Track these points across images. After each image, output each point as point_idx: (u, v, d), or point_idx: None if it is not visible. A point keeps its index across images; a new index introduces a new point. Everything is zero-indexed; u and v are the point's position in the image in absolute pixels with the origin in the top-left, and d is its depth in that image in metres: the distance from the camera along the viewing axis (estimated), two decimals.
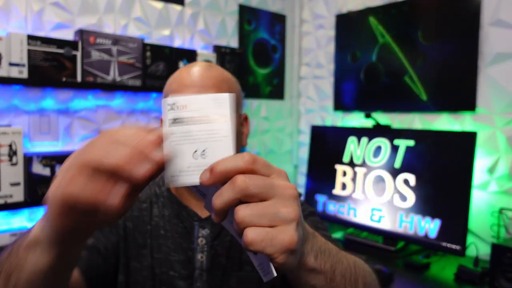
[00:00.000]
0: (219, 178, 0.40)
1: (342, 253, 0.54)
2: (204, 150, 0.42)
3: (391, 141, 1.83)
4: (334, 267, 0.49)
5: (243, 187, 0.39)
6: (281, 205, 0.40)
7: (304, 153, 2.51)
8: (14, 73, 1.39)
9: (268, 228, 0.39)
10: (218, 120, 0.43)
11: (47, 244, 0.44)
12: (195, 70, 0.79)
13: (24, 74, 1.42)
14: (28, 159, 1.41)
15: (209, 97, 0.44)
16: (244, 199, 0.39)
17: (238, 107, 0.82)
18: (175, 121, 0.43)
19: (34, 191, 1.42)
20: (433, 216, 1.64)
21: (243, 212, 0.39)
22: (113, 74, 1.63)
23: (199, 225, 0.79)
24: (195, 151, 0.42)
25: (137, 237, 0.79)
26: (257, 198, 0.39)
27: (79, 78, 1.55)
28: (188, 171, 0.42)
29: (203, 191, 0.47)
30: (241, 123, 0.85)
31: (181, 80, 0.79)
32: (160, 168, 0.40)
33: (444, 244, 1.59)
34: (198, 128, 0.43)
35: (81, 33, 1.55)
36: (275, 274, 0.44)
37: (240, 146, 0.84)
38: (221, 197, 0.39)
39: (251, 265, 0.80)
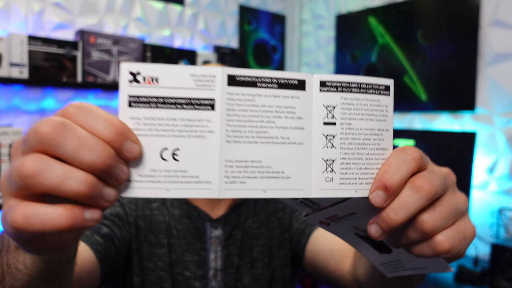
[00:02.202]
0: (395, 195, 0.31)
1: None
2: (177, 149, 0.30)
3: None
4: None
5: (433, 192, 0.31)
6: (456, 196, 0.34)
7: None
8: (15, 73, 1.40)
9: (455, 226, 0.33)
10: (204, 107, 0.31)
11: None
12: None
13: (25, 74, 1.42)
14: None
15: (193, 70, 0.30)
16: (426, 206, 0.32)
17: None
18: (138, 100, 0.29)
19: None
20: None
21: (433, 219, 0.31)
22: (114, 74, 1.64)
23: (211, 226, 0.79)
24: (164, 149, 0.30)
25: (150, 236, 0.78)
26: (438, 198, 0.33)
27: (79, 78, 1.55)
28: (152, 178, 0.29)
29: (316, 201, 0.36)
30: None
31: None
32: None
33: None
34: (172, 115, 0.30)
35: (81, 33, 1.56)
36: (452, 269, 0.38)
37: None
38: (405, 209, 0.30)
39: (261, 262, 0.80)
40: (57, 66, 1.49)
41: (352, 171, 0.33)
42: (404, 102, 1.99)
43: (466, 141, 1.60)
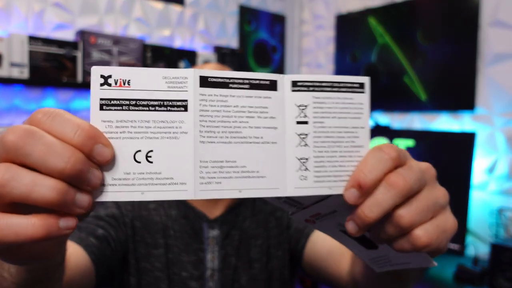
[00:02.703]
0: (369, 193, 0.32)
1: None
2: (150, 151, 0.30)
3: (391, 141, 1.84)
4: None
5: (408, 188, 0.31)
6: (435, 190, 0.34)
7: None
8: (15, 73, 1.40)
9: (434, 220, 0.33)
10: (177, 108, 0.30)
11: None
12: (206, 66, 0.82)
13: (25, 75, 1.42)
14: None
15: (165, 73, 0.30)
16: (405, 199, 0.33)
17: None
18: (110, 103, 0.30)
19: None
20: None
21: (410, 214, 0.32)
22: None
23: (208, 226, 0.79)
24: (138, 151, 0.29)
25: (147, 237, 0.78)
26: (415, 193, 0.33)
27: (79, 79, 1.55)
28: (126, 181, 0.29)
29: (298, 200, 0.36)
30: None
31: None
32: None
33: None
34: (145, 117, 0.30)
35: (81, 33, 1.56)
36: (435, 263, 0.38)
37: None
38: (379, 207, 0.31)
39: (259, 262, 0.80)
40: (57, 66, 1.49)
41: (326, 169, 0.33)
42: (404, 102, 1.99)
43: (466, 141, 1.60)
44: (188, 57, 1.87)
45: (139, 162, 0.29)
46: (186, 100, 0.30)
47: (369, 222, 0.31)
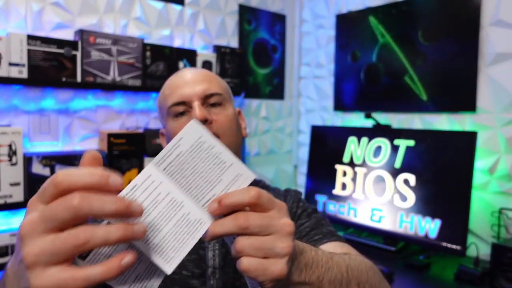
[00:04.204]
0: (226, 210, 0.43)
1: (334, 260, 0.56)
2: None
3: (391, 141, 1.83)
4: (322, 276, 0.52)
5: (245, 226, 0.42)
6: (277, 241, 0.43)
7: (304, 153, 2.51)
8: (14, 73, 1.39)
9: (263, 259, 0.43)
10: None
11: None
12: (184, 72, 0.83)
13: (24, 74, 1.41)
14: (28, 159, 1.41)
15: None
16: (243, 234, 0.43)
17: (231, 102, 0.85)
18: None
19: (34, 191, 1.42)
20: (433, 216, 1.64)
21: (242, 243, 0.43)
22: (113, 74, 1.63)
23: None
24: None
25: None
26: (256, 235, 0.43)
27: (79, 78, 1.55)
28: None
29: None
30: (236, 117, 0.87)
31: (173, 84, 0.81)
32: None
33: (444, 244, 1.59)
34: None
35: (81, 33, 1.55)
36: None
37: (240, 138, 0.85)
38: (222, 227, 0.43)
39: None
40: (56, 66, 1.48)
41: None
42: (404, 102, 1.99)
43: (467, 141, 1.60)
44: (187, 57, 1.86)
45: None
46: None
47: (214, 235, 0.43)
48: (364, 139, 1.93)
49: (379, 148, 1.87)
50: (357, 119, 2.22)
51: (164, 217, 0.42)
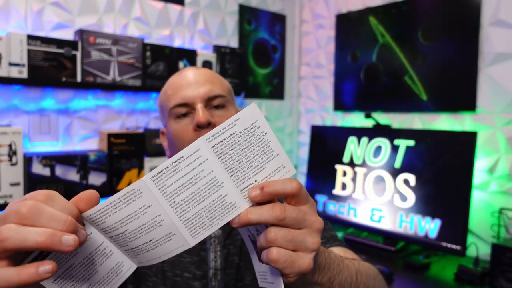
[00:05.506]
0: (266, 198, 0.43)
1: (345, 263, 0.57)
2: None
3: (391, 141, 1.83)
4: (333, 278, 0.53)
5: (282, 217, 0.43)
6: (308, 236, 0.44)
7: (304, 153, 2.51)
8: (14, 73, 1.39)
9: (292, 252, 0.43)
10: None
11: None
12: (187, 72, 0.81)
13: (24, 74, 1.41)
14: (28, 159, 1.41)
15: None
16: (278, 225, 0.43)
17: (233, 102, 0.84)
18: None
19: (34, 191, 1.42)
20: (433, 216, 1.64)
21: (276, 234, 0.43)
22: (113, 74, 1.63)
23: None
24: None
25: None
26: (290, 227, 0.44)
27: (79, 78, 1.55)
28: None
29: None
30: None
31: (176, 84, 0.80)
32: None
33: (444, 244, 1.59)
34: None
35: (81, 33, 1.55)
36: (283, 287, 0.47)
37: None
38: (258, 215, 0.43)
39: None
40: (56, 66, 1.49)
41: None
42: (404, 102, 1.99)
43: (467, 141, 1.60)
44: (187, 57, 1.86)
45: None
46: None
47: (247, 222, 0.43)
48: (364, 139, 1.93)
49: (379, 148, 1.87)
50: (357, 119, 2.22)
51: (201, 195, 0.42)
